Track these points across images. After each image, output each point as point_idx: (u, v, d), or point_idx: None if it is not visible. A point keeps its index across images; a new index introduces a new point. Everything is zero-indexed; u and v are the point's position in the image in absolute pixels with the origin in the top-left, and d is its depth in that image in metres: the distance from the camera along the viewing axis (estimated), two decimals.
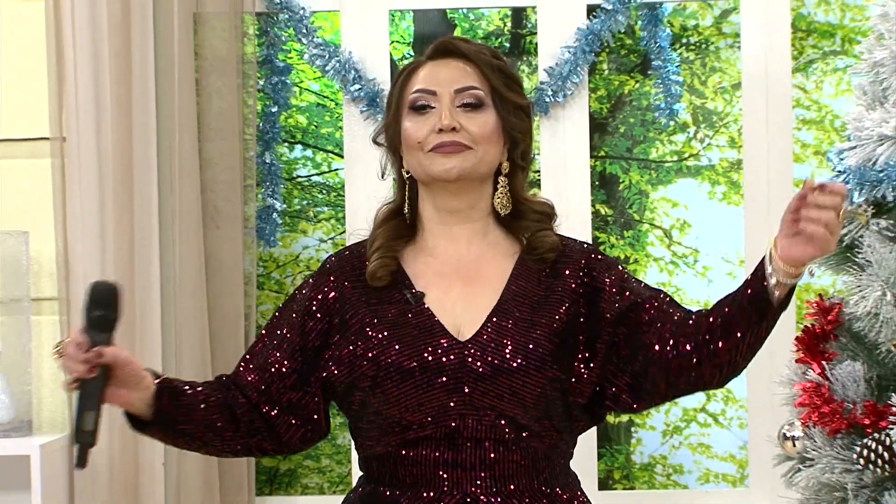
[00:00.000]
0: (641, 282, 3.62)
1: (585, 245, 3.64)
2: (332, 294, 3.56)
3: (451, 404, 3.42)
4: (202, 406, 3.47)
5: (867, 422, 4.12)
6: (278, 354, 3.54)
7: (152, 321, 4.90)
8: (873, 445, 4.07)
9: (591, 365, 3.51)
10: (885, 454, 4.06)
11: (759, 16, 5.06)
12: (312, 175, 5.31)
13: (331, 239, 5.25)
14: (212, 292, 4.95)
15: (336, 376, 3.49)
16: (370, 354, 3.43)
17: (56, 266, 4.97)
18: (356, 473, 4.90)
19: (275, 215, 5.10)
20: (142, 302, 4.91)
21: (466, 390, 3.42)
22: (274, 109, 5.11)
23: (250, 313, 4.97)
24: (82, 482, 4.93)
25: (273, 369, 3.53)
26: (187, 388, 3.49)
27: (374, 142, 3.62)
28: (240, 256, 4.98)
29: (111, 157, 4.91)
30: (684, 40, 5.24)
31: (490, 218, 3.59)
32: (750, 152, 5.08)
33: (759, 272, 3.24)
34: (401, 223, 3.58)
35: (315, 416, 3.57)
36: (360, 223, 4.18)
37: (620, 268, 3.62)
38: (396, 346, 3.43)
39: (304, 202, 5.30)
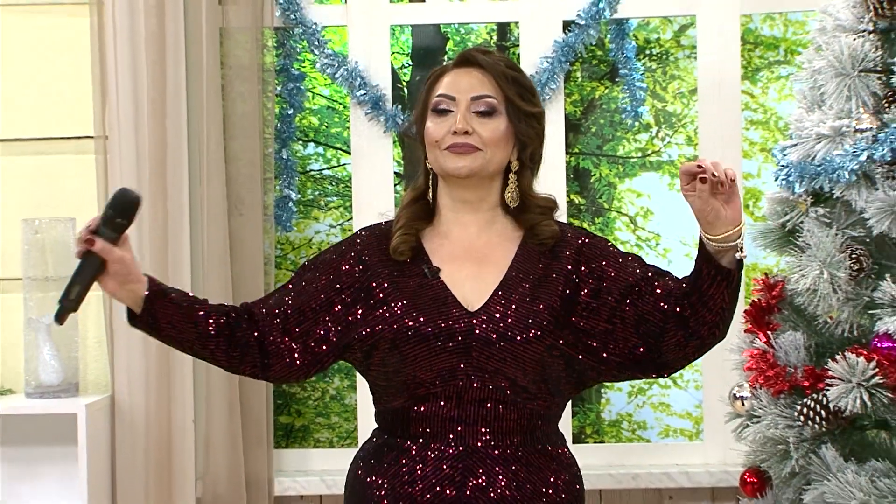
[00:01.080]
0: (629, 255, 3.69)
1: (578, 229, 3.72)
2: (358, 264, 3.60)
3: (461, 366, 3.47)
4: (198, 316, 3.51)
5: (806, 384, 4.14)
6: (299, 297, 3.57)
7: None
8: (812, 404, 4.09)
9: (599, 340, 3.57)
10: (822, 412, 4.08)
11: (713, 30, 5.08)
12: (323, 169, 5.33)
13: (339, 225, 5.26)
14: (235, 272, 4.97)
15: (362, 337, 3.52)
16: (392, 320, 3.49)
17: None
18: (362, 429, 4.97)
19: (290, 204, 5.12)
20: (174, 280, 4.85)
21: (473, 354, 3.47)
22: (290, 112, 5.14)
23: (269, 290, 4.93)
24: (122, 437, 4.94)
25: (286, 307, 3.56)
26: (187, 302, 3.52)
27: (405, 135, 3.67)
28: (260, 240, 5.00)
29: (147, 153, 4.92)
30: (647, 51, 5.25)
31: (498, 209, 3.64)
32: (704, 149, 5.09)
33: (700, 254, 3.47)
34: (422, 207, 3.63)
35: (313, 359, 3.58)
36: (364, 211, 4.23)
37: (612, 247, 3.68)
38: (414, 314, 3.48)
39: (316, 193, 5.31)
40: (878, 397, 4.00)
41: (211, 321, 3.53)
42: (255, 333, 3.56)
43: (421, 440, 3.52)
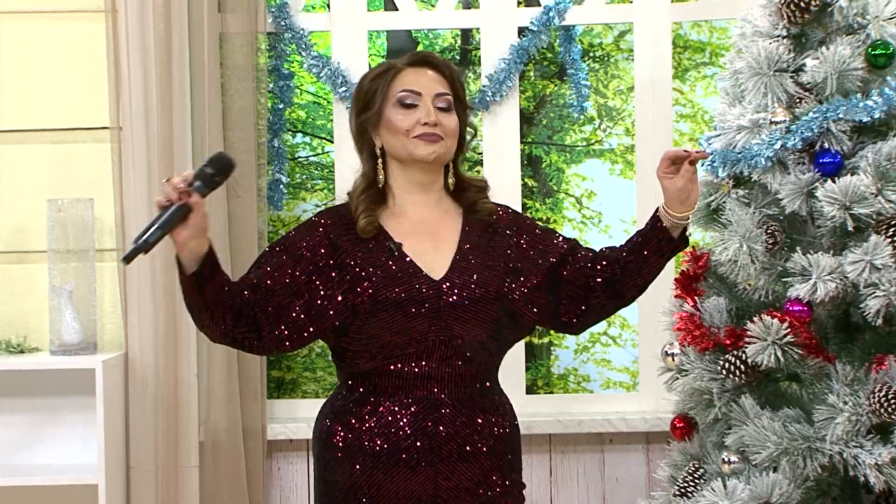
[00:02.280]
0: (550, 229, 3.82)
1: (506, 207, 3.78)
2: (329, 243, 3.56)
3: (431, 328, 3.49)
4: (227, 287, 3.44)
5: (728, 342, 4.16)
6: (275, 275, 3.51)
7: None
8: (733, 360, 4.12)
9: (535, 296, 3.63)
10: (742, 367, 4.10)
11: (648, 35, 5.09)
12: (310, 156, 5.33)
13: (324, 204, 5.25)
14: (233, 246, 4.97)
15: (342, 308, 3.50)
16: (369, 290, 3.48)
17: (114, 225, 5.00)
18: None
19: (281, 187, 5.11)
20: None
21: (443, 316, 3.50)
22: (280, 106, 5.13)
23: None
24: (134, 389, 4.96)
25: (265, 284, 3.50)
26: (225, 275, 3.45)
27: (359, 126, 3.64)
28: (255, 218, 5.00)
29: (156, 142, 4.92)
30: (591, 54, 5.27)
31: (443, 191, 3.68)
32: (640, 139, 5.12)
33: (659, 228, 3.59)
34: (375, 192, 3.61)
35: (300, 333, 3.54)
36: (345, 193, 4.23)
37: (537, 223, 3.80)
38: (389, 285, 3.49)
39: (304, 177, 5.31)
40: (790, 354, 4.04)
41: (235, 301, 3.46)
42: (255, 311, 3.49)
43: (392, 396, 3.54)
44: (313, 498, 3.73)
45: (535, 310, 3.65)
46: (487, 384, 3.64)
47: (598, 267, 3.64)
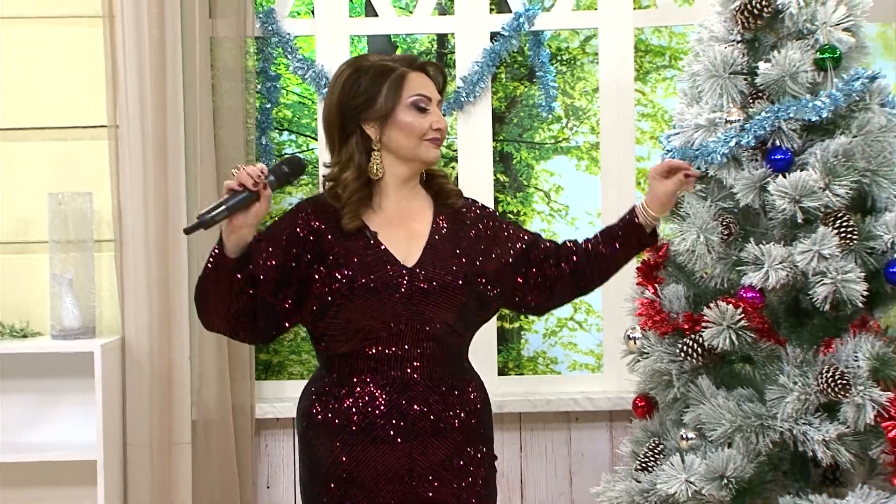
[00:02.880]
0: (512, 223, 3.85)
1: (471, 200, 3.79)
2: (311, 233, 3.56)
3: (404, 312, 3.50)
4: (247, 279, 3.43)
5: (686, 327, 4.17)
6: (266, 267, 3.49)
7: (180, 253, 4.94)
8: (690, 343, 4.13)
9: (501, 281, 3.66)
10: (699, 349, 4.11)
11: (612, 40, 5.10)
12: (295, 153, 5.33)
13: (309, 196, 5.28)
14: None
15: (322, 294, 3.51)
16: (346, 277, 3.49)
17: (111, 217, 4.98)
18: None
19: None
20: (174, 242, 4.92)
21: (414, 301, 3.50)
22: (268, 106, 5.12)
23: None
24: (131, 371, 4.95)
25: (259, 278, 3.47)
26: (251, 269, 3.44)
27: (354, 123, 3.62)
28: None
29: (151, 139, 4.91)
30: (559, 57, 5.27)
31: (419, 183, 3.69)
32: (605, 137, 5.12)
33: (631, 218, 3.68)
34: (362, 186, 3.58)
35: (287, 321, 3.57)
36: (325, 176, 4.23)
37: (500, 216, 3.83)
38: (364, 272, 3.50)
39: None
40: (744, 337, 4.05)
41: (248, 294, 3.45)
42: (255, 303, 3.50)
43: (367, 376, 3.54)
44: (298, 472, 3.73)
45: (501, 294, 3.69)
46: (458, 363, 3.66)
47: (565, 256, 3.69)
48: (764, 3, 4.13)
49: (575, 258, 3.67)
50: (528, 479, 5.12)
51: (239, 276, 3.40)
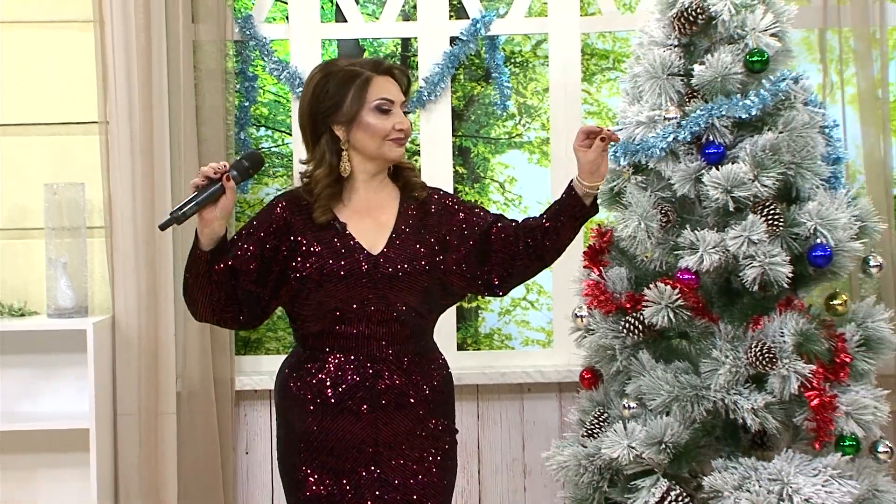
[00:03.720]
0: (475, 205, 3.80)
1: (434, 189, 3.78)
2: (285, 224, 3.57)
3: (370, 296, 3.51)
4: (225, 272, 3.50)
5: (628, 306, 4.18)
6: (246, 260, 3.53)
7: (165, 239, 4.91)
8: (632, 321, 4.14)
9: (464, 266, 3.65)
10: (640, 326, 4.13)
11: (561, 44, 5.10)
12: (271, 147, 5.31)
13: (284, 188, 5.25)
14: None
15: (295, 279, 3.53)
16: (317, 264, 3.51)
17: (102, 206, 4.95)
18: None
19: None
20: (159, 232, 4.74)
21: (379, 286, 3.52)
22: (246, 104, 5.09)
23: (229, 237, 4.95)
24: (120, 347, 4.93)
25: (241, 270, 3.51)
26: (229, 260, 3.50)
27: (324, 125, 3.62)
28: None
29: (139, 134, 4.88)
30: (512, 60, 5.27)
31: (387, 175, 3.69)
32: (554, 133, 5.12)
33: (574, 196, 3.60)
34: (333, 182, 3.60)
35: (264, 308, 3.60)
36: (300, 174, 4.23)
37: (462, 200, 3.78)
38: (334, 258, 3.52)
39: (266, 165, 5.30)
40: (680, 315, 4.07)
41: (229, 284, 3.51)
42: (238, 294, 3.55)
43: (338, 353, 3.56)
44: (275, 440, 3.73)
45: (464, 277, 3.68)
46: (422, 343, 3.67)
47: (521, 234, 3.64)
48: (699, 10, 4.14)
49: (531, 234, 3.64)
50: (485, 445, 5.12)
51: (217, 267, 3.45)
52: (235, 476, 5.08)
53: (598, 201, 3.67)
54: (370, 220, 3.62)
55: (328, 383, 3.55)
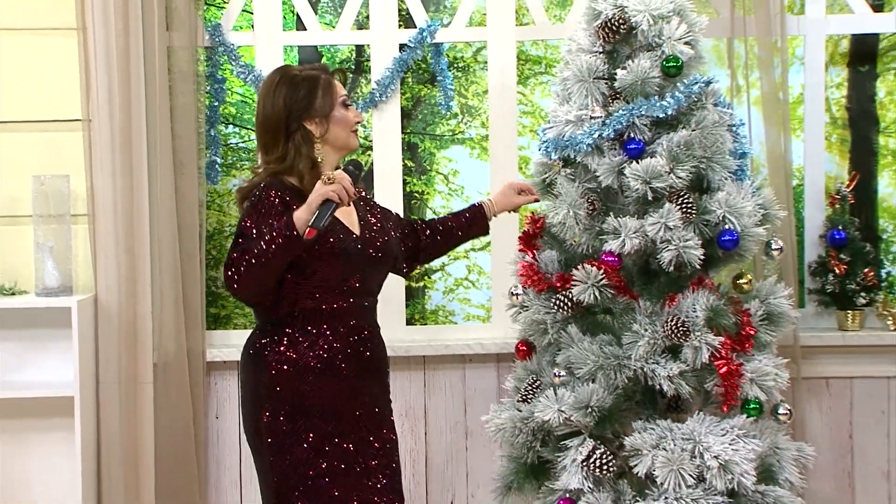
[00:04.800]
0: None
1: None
2: (282, 207, 3.60)
3: (356, 274, 3.67)
4: None
5: (559, 285, 4.19)
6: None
7: (143, 226, 4.87)
8: (562, 298, 4.14)
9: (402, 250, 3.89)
10: (569, 303, 4.13)
11: (498, 51, 5.09)
12: (238, 143, 5.26)
13: (249, 179, 5.22)
14: (179, 211, 4.92)
15: (303, 254, 3.58)
16: (325, 241, 3.59)
17: (86, 196, 4.91)
18: None
19: (216, 166, 5.06)
20: (137, 215, 4.86)
21: (364, 265, 3.68)
22: (216, 104, 5.06)
23: (202, 223, 4.95)
24: (102, 323, 4.89)
25: None
26: None
27: (296, 122, 3.67)
28: (196, 190, 4.94)
29: (119, 132, 4.84)
30: (455, 65, 5.25)
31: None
32: (493, 131, 5.13)
33: (480, 214, 4.14)
34: (311, 171, 3.67)
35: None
36: (266, 167, 4.21)
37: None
38: (334, 238, 3.63)
39: (234, 158, 5.24)
40: (605, 293, 4.08)
41: None
42: None
43: (327, 327, 3.62)
44: (248, 414, 3.72)
45: (399, 264, 3.99)
46: (376, 317, 3.81)
47: (427, 235, 4.04)
48: (621, 21, 4.15)
49: (433, 235, 4.00)
50: (430, 410, 5.12)
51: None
52: (207, 438, 5.06)
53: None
54: (343, 208, 3.66)
55: (323, 351, 3.63)
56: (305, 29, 5.16)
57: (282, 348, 3.65)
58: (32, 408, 4.94)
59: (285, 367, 3.63)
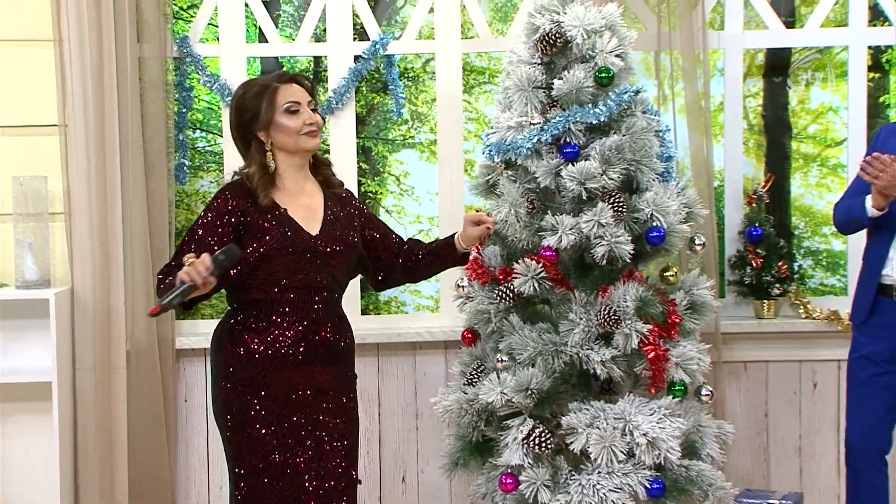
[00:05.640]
0: (372, 214, 3.98)
1: (348, 189, 3.92)
2: (238, 209, 3.62)
3: (307, 269, 3.62)
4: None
5: (501, 277, 4.18)
6: (210, 241, 3.57)
7: (116, 224, 4.83)
8: (504, 290, 4.14)
9: (369, 254, 3.86)
10: (510, 294, 4.13)
11: (446, 62, 5.06)
12: (206, 147, 5.22)
13: (216, 181, 5.18)
14: (150, 210, 4.88)
15: (250, 252, 3.58)
16: (269, 241, 3.58)
17: (62, 195, 4.86)
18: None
19: (185, 168, 5.03)
20: (111, 214, 4.81)
21: (316, 262, 3.62)
22: (184, 110, 5.02)
23: (171, 220, 4.91)
24: (78, 314, 4.85)
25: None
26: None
27: (249, 133, 3.68)
28: (165, 190, 4.90)
29: (93, 136, 4.79)
30: (406, 75, 5.24)
31: (308, 169, 3.75)
32: (441, 135, 5.11)
33: (452, 248, 3.95)
34: (267, 176, 3.66)
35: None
36: (229, 172, 4.18)
37: (366, 207, 3.96)
38: (283, 237, 3.60)
39: (201, 161, 5.20)
40: (543, 285, 4.08)
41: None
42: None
43: (278, 317, 3.60)
44: (217, 390, 3.69)
45: (363, 263, 3.89)
46: (340, 307, 3.77)
47: (402, 252, 3.89)
48: (557, 35, 4.15)
49: (406, 258, 3.87)
50: (384, 393, 5.11)
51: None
52: (176, 420, 5.02)
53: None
54: (304, 206, 3.69)
55: (274, 338, 3.60)
56: (267, 41, 5.13)
57: (237, 332, 3.65)
58: (13, 393, 4.89)
59: (240, 349, 3.63)
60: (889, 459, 4.22)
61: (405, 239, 4.01)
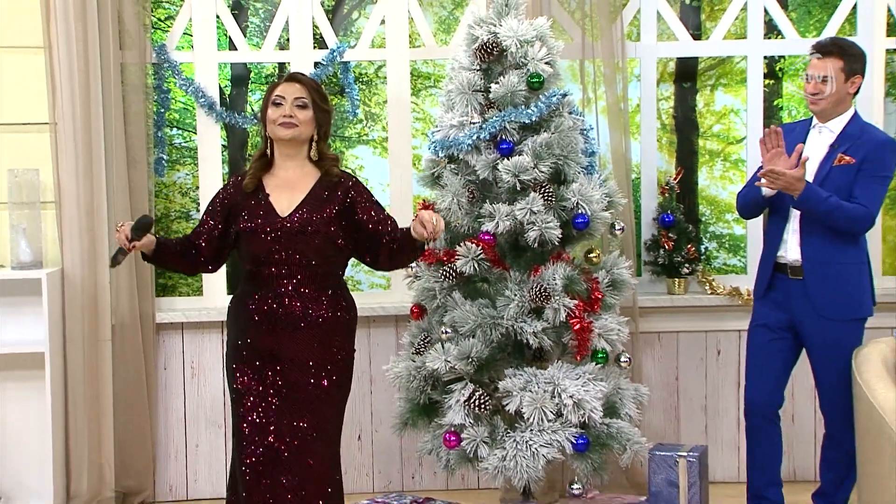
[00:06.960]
0: (377, 203, 3.76)
1: (350, 176, 3.78)
2: (227, 196, 3.74)
3: (276, 247, 3.61)
4: (176, 252, 3.73)
5: (445, 259, 4.20)
6: (211, 223, 3.75)
7: (101, 211, 4.74)
8: (448, 269, 4.15)
9: (349, 239, 3.71)
10: (454, 273, 4.14)
11: (396, 68, 5.04)
12: (182, 143, 5.15)
13: (190, 174, 5.11)
14: (132, 199, 4.80)
15: (233, 232, 3.71)
16: (244, 221, 3.66)
17: (53, 186, 4.76)
18: (206, 286, 4.88)
19: (164, 162, 4.96)
20: (97, 202, 4.73)
21: (283, 240, 3.61)
22: (162, 110, 4.94)
23: (151, 208, 4.83)
24: (68, 292, 4.75)
25: (207, 233, 3.73)
26: (172, 244, 3.71)
27: (263, 124, 3.72)
28: (146, 182, 4.82)
29: (80, 133, 4.70)
30: (361, 80, 5.19)
31: (307, 160, 3.73)
32: (392, 134, 5.07)
33: (410, 240, 3.58)
34: (264, 161, 3.73)
35: (221, 257, 3.79)
36: (204, 166, 4.11)
37: (368, 193, 3.76)
38: (254, 218, 3.66)
39: (178, 156, 5.13)
40: (482, 265, 4.09)
41: (188, 259, 3.74)
42: (202, 257, 3.75)
43: (260, 286, 3.65)
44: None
45: (351, 247, 3.72)
46: (323, 283, 3.65)
47: (386, 240, 3.68)
48: (494, 44, 4.15)
49: (390, 244, 3.67)
50: None
51: (170, 257, 3.71)
52: (156, 386, 4.96)
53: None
54: (287, 192, 3.67)
55: (252, 307, 3.63)
56: (237, 49, 5.06)
57: (236, 296, 3.74)
58: (9, 363, 4.80)
59: (231, 315, 3.74)
60: (781, 414, 4.26)
61: (400, 227, 3.77)
